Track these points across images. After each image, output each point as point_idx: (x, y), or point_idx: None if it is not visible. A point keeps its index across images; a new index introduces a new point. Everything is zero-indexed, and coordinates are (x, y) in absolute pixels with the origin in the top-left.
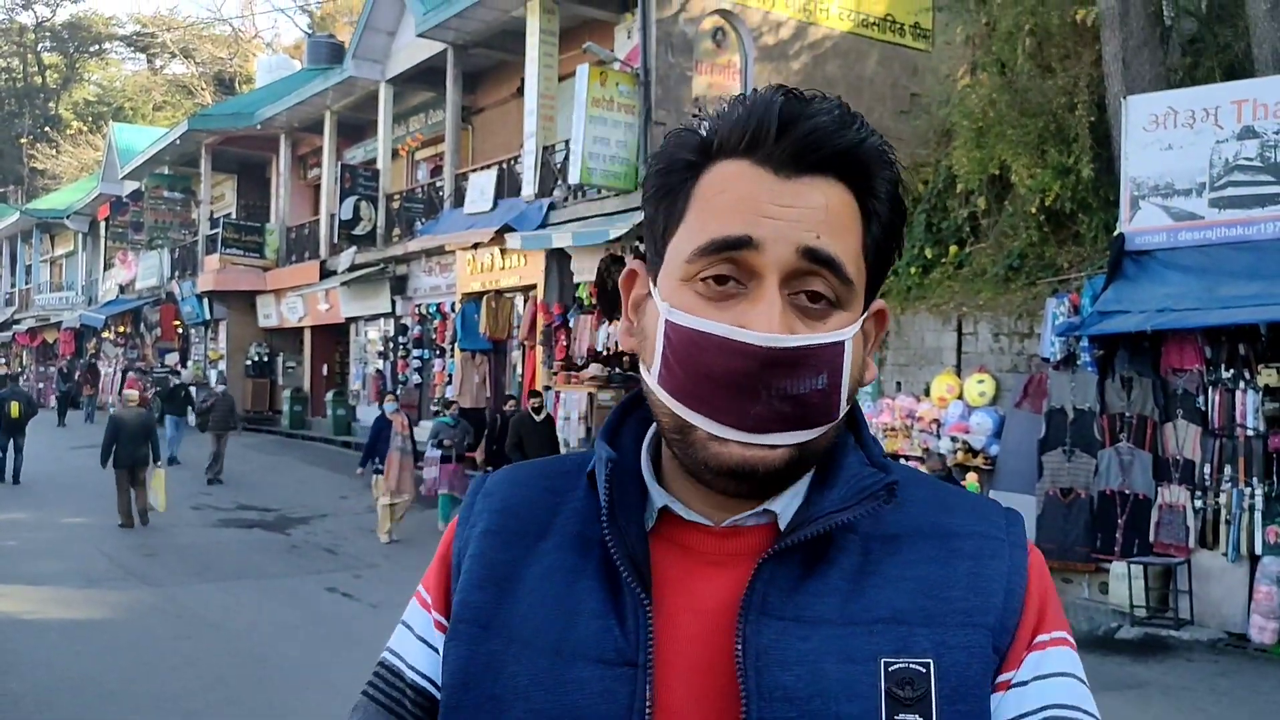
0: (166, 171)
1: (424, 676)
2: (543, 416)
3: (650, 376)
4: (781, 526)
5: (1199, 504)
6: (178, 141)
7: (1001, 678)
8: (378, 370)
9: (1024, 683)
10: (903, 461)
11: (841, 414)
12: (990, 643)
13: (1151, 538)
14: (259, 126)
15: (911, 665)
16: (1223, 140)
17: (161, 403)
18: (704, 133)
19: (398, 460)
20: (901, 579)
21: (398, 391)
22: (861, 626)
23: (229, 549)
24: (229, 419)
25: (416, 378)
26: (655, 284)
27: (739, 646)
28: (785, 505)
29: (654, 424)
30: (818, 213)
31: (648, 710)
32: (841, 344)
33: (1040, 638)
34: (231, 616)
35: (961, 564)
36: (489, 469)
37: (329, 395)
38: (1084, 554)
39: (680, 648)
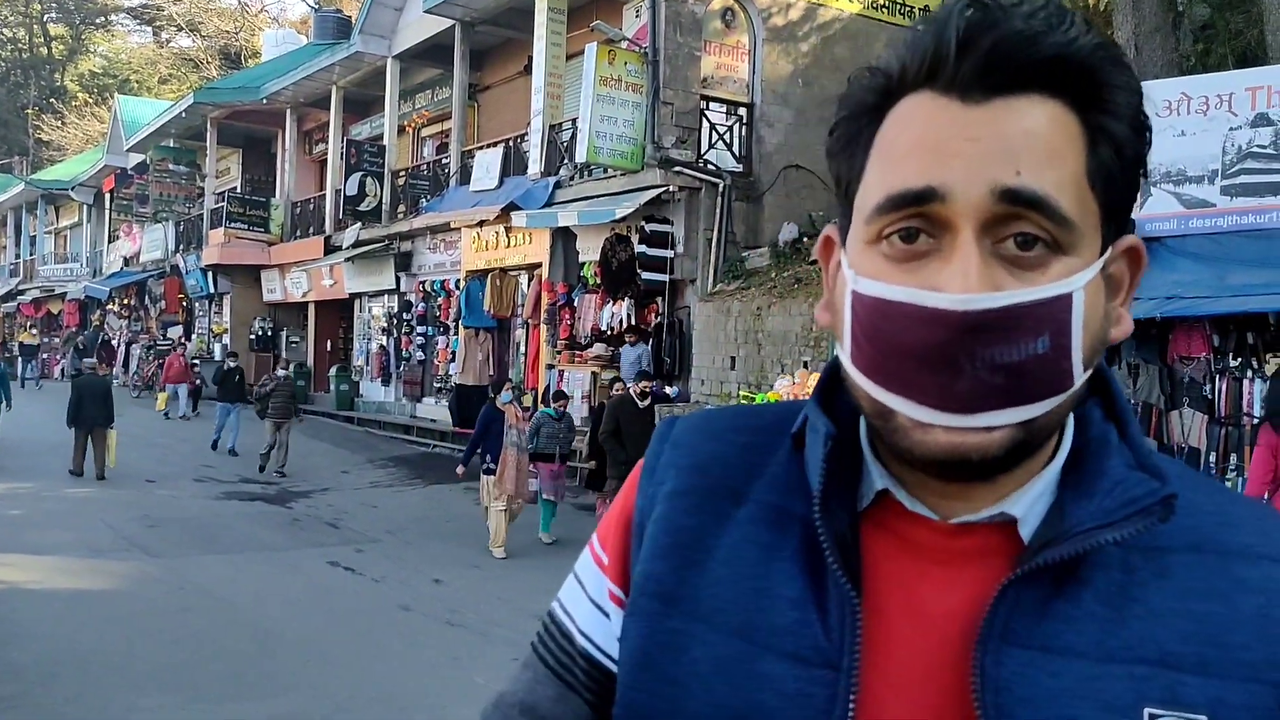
0: (172, 144)
1: (594, 645)
2: (647, 403)
3: (844, 355)
4: (1024, 534)
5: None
6: (183, 114)
7: None
8: (381, 346)
9: None
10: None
11: (1078, 382)
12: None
13: None
14: (265, 101)
15: (1180, 717)
16: (1236, 127)
17: (215, 388)
18: (888, 68)
19: (514, 459)
20: (1172, 612)
21: (401, 369)
22: (1121, 665)
23: (231, 522)
24: (290, 405)
25: (420, 355)
26: (844, 249)
27: (976, 679)
28: (1028, 508)
29: None
30: (1015, 141)
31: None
32: (1065, 297)
33: None
34: (234, 589)
35: (1249, 599)
36: (591, 463)
37: (332, 370)
38: None
39: (893, 654)
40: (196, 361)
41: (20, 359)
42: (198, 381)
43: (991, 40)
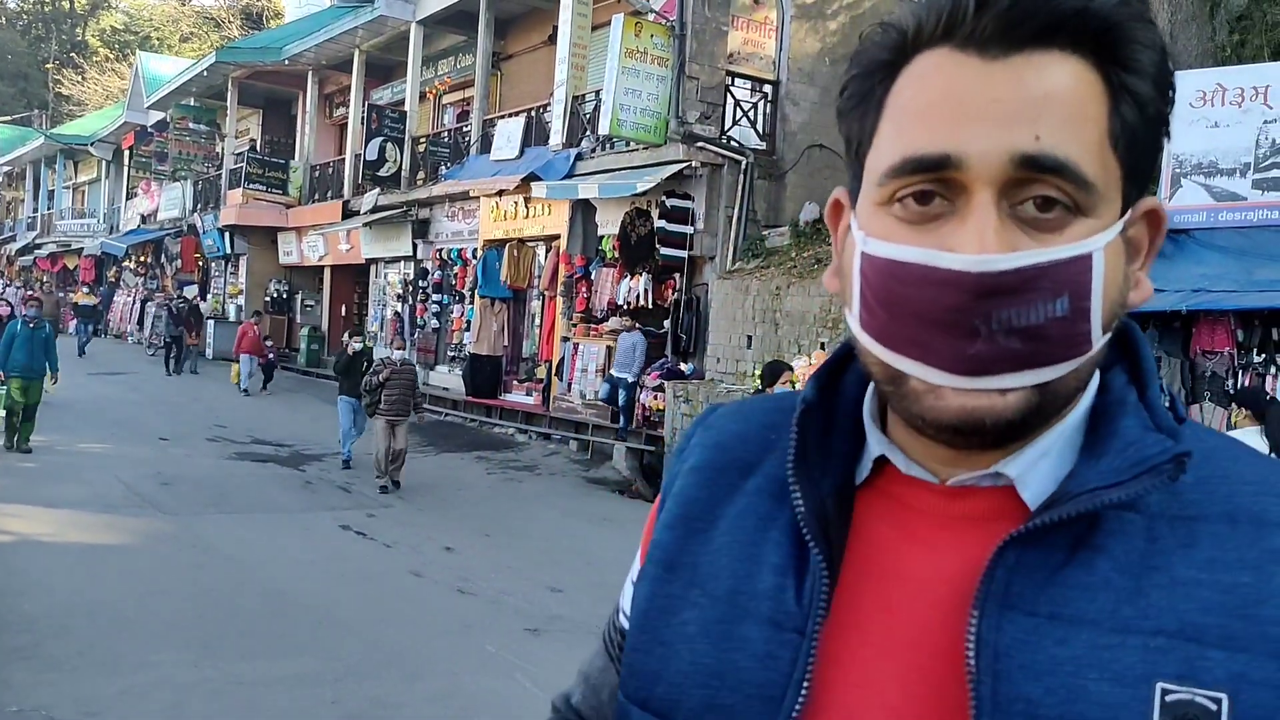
0: (192, 103)
1: (628, 618)
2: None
3: (853, 320)
4: (1026, 497)
5: None
6: (205, 73)
7: None
8: (396, 313)
9: None
10: None
11: (1096, 346)
12: None
13: None
14: (286, 62)
15: (1198, 698)
16: (1271, 120)
17: (338, 378)
18: (902, 23)
19: None
20: (1197, 582)
21: (415, 336)
22: (1136, 636)
23: (244, 482)
24: (408, 399)
25: (435, 322)
26: (855, 211)
27: (971, 645)
28: (1025, 469)
29: None
30: (1036, 104)
31: (806, 685)
32: (1085, 258)
33: None
34: (246, 549)
35: (1275, 570)
36: None
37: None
38: None
39: (873, 618)
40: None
41: (78, 321)
42: (270, 355)
43: None
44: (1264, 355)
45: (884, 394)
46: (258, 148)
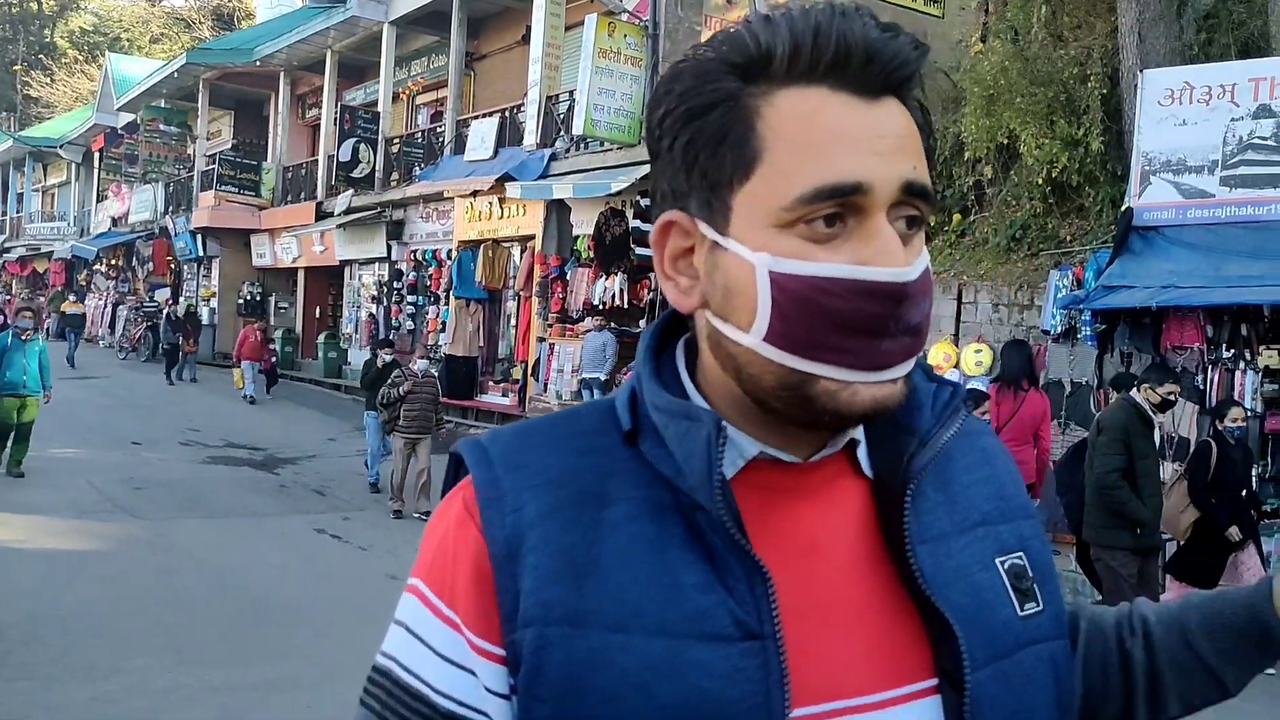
0: (163, 105)
1: (458, 703)
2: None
3: (747, 336)
4: (860, 454)
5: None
6: (175, 74)
7: None
8: (371, 314)
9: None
10: None
11: None
12: (1042, 526)
13: None
14: (258, 63)
15: (1014, 560)
16: (1238, 118)
17: (365, 393)
18: (740, 58)
19: None
20: (972, 483)
21: (391, 337)
22: (969, 534)
23: (218, 486)
24: (430, 414)
25: (410, 324)
26: (723, 234)
27: (919, 577)
28: (858, 433)
29: (684, 361)
30: (906, 140)
31: (786, 682)
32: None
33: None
34: (221, 553)
35: (997, 461)
36: None
37: (320, 337)
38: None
39: (809, 592)
40: (274, 340)
41: (66, 331)
42: (273, 360)
43: (893, 49)
44: (1233, 351)
45: (768, 398)
46: (229, 149)
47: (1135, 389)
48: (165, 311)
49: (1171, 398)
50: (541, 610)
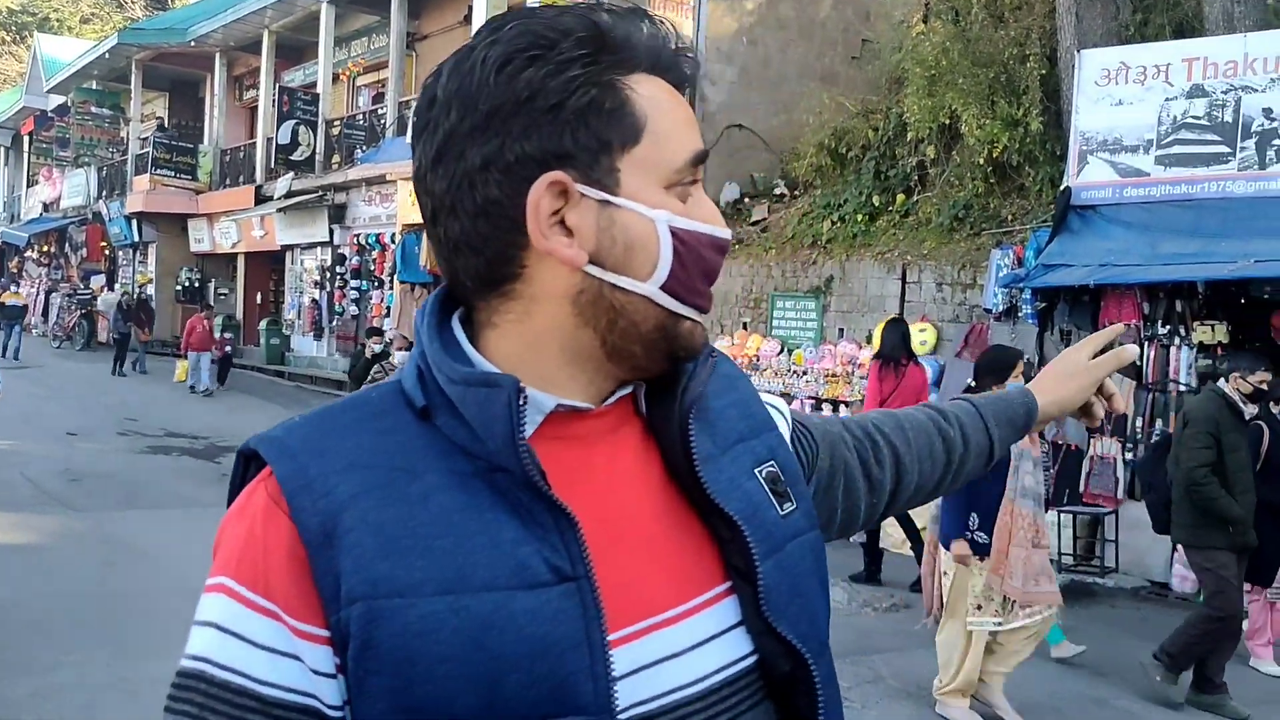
0: (94, 86)
1: (287, 689)
2: None
3: (643, 284)
4: (638, 391)
5: (1130, 456)
6: (106, 55)
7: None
8: (313, 300)
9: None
10: (843, 408)
11: None
12: (786, 437)
13: (1082, 488)
14: (192, 44)
15: (768, 469)
16: (1172, 98)
17: (354, 386)
18: (600, 43)
19: (1027, 519)
20: (725, 410)
21: (334, 324)
22: (730, 450)
23: (157, 476)
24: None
25: (354, 309)
26: (614, 194)
27: (709, 490)
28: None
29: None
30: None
31: (602, 615)
32: None
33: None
34: (160, 545)
35: (740, 385)
36: None
37: (262, 324)
38: None
39: (615, 526)
40: (229, 331)
41: (6, 324)
42: (227, 349)
43: (681, 48)
44: (1168, 327)
45: (636, 340)
46: (165, 130)
47: (1224, 379)
48: (119, 300)
49: (1264, 386)
50: (368, 587)
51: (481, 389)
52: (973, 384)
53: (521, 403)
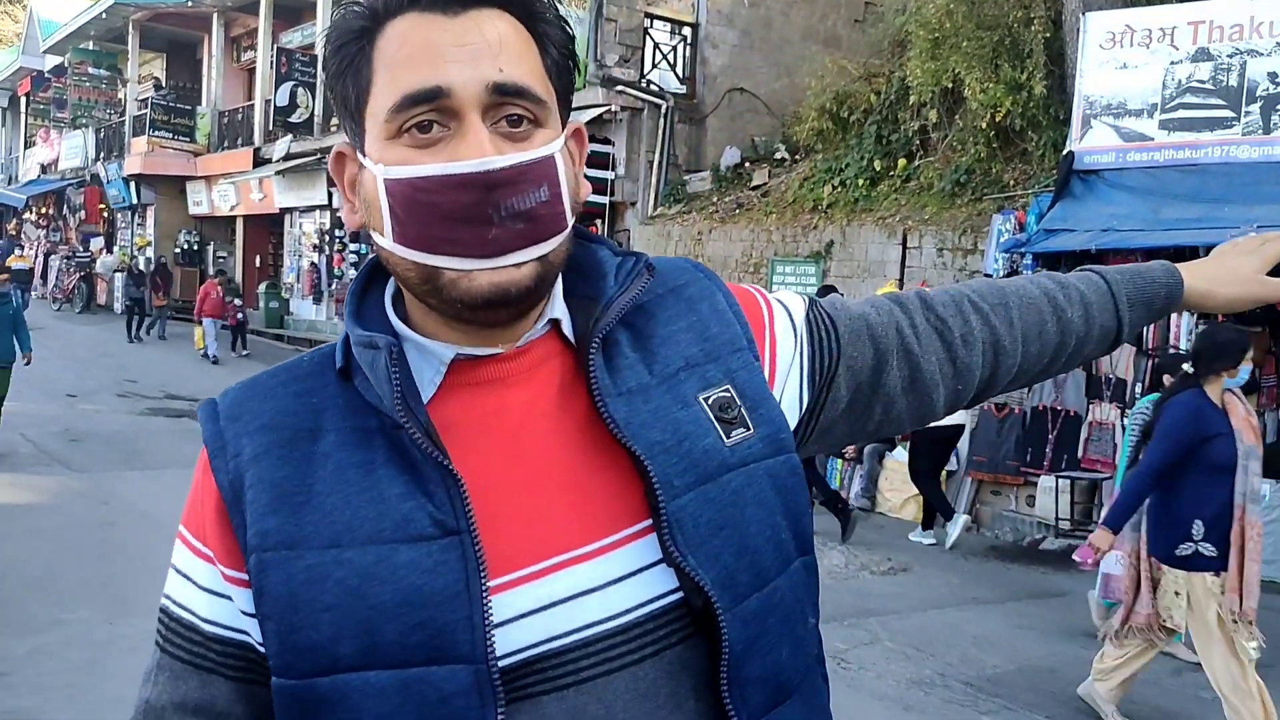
0: (91, 47)
1: (223, 626)
2: None
3: (385, 240)
4: (566, 330)
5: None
6: (103, 15)
7: (774, 369)
8: (312, 264)
9: (801, 341)
10: None
11: (570, 224)
12: (753, 355)
13: (1080, 453)
14: (190, 4)
15: (719, 394)
16: (1177, 61)
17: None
18: (365, 4)
19: (1258, 529)
20: (674, 335)
21: (333, 287)
22: (671, 379)
23: (158, 437)
24: None
25: (352, 273)
26: (363, 154)
27: (611, 425)
28: (561, 312)
29: (391, 293)
30: (494, 46)
31: (483, 567)
32: (550, 157)
33: (767, 318)
34: (161, 505)
35: (701, 306)
36: None
37: (261, 287)
38: (1014, 467)
39: (510, 474)
40: (239, 297)
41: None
42: (240, 316)
43: None
44: None
45: (422, 296)
46: (162, 92)
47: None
48: (129, 266)
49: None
50: (259, 540)
51: (369, 350)
52: (1189, 370)
53: (395, 361)
